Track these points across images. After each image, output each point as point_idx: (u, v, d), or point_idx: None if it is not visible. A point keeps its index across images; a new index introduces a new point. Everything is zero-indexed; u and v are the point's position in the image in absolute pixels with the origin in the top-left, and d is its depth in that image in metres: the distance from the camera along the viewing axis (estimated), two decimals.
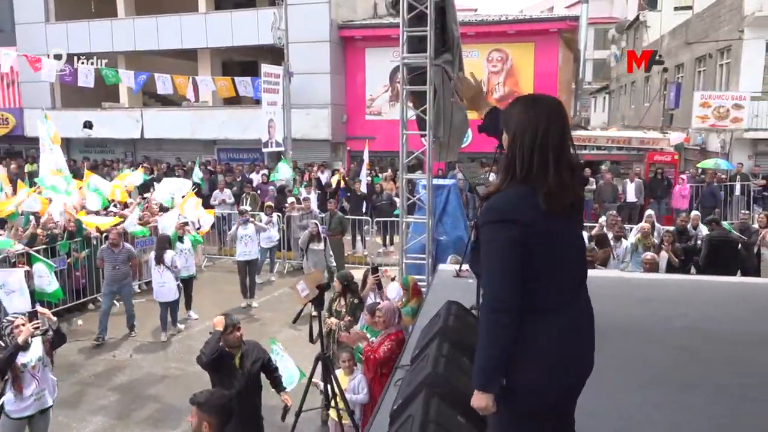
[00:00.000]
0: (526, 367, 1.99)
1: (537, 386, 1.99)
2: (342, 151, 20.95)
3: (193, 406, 3.34)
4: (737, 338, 4.79)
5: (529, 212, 1.98)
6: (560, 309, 2.02)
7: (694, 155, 18.77)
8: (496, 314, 1.98)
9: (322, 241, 10.54)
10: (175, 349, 8.92)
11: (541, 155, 2.00)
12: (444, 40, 7.40)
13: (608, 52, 36.69)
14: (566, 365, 2.01)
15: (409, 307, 5.77)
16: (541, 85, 19.06)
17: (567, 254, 2.07)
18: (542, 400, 2.01)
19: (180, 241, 9.90)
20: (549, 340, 1.99)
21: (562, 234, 2.04)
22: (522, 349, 1.98)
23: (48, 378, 5.40)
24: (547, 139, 2.01)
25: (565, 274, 2.06)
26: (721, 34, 17.11)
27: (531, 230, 1.98)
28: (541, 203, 1.97)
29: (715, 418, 3.48)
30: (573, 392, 2.10)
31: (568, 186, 2.01)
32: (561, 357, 2.00)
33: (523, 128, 2.03)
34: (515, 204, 2.01)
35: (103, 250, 9.38)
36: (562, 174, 2.00)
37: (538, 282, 2.00)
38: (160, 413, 6.97)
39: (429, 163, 7.59)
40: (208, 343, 4.76)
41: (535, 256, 1.98)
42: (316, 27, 19.39)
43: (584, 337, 2.07)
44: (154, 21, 21.35)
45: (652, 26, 26.52)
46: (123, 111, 22.41)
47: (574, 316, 2.05)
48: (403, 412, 3.06)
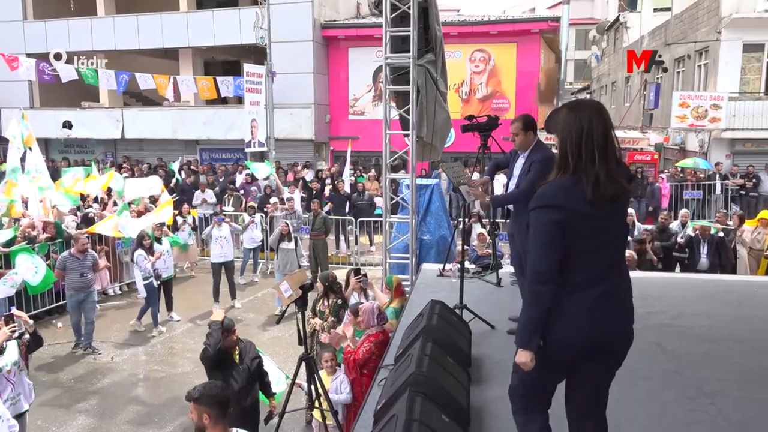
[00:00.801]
0: (563, 328, 2.35)
1: (568, 343, 2.37)
2: (325, 151, 20.91)
3: (190, 402, 3.36)
4: (712, 334, 4.88)
5: (571, 199, 2.30)
6: (591, 286, 2.34)
7: (674, 155, 19.03)
8: (537, 285, 2.34)
9: (293, 241, 10.47)
10: (158, 351, 8.85)
11: (587, 150, 2.29)
12: (427, 40, 7.43)
13: (589, 52, 37.04)
14: (594, 329, 2.34)
15: (391, 308, 5.78)
16: (523, 86, 19.20)
17: (603, 239, 2.35)
18: (565, 353, 2.40)
19: (158, 242, 9.79)
20: (582, 308, 2.33)
21: (602, 220, 2.33)
22: (555, 316, 2.34)
23: (24, 382, 5.31)
24: (591, 136, 2.30)
25: (599, 255, 2.35)
26: (699, 35, 17.37)
27: (570, 215, 2.29)
28: (588, 192, 2.27)
29: (691, 413, 3.55)
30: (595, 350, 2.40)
31: (613, 177, 2.29)
32: (591, 323, 2.33)
33: (569, 128, 2.33)
34: (558, 192, 2.34)
35: (66, 258, 8.58)
36: (608, 166, 2.29)
37: (574, 261, 2.32)
38: (142, 416, 6.91)
39: (412, 162, 7.61)
40: (211, 335, 4.81)
41: (572, 238, 2.30)
42: (299, 26, 19.34)
43: (613, 308, 2.39)
44: (135, 20, 21.14)
45: (632, 27, 26.81)
46: (103, 111, 22.14)
47: (603, 293, 2.35)
48: (387, 412, 3.08)
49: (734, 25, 15.62)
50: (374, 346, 4.91)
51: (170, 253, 10.06)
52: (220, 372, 4.85)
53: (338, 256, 13.85)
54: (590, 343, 2.37)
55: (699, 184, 15.19)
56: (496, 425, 3.41)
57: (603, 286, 2.36)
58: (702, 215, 14.17)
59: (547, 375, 2.46)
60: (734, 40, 15.74)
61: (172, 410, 6.95)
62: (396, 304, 5.85)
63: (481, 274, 6.36)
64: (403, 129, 7.73)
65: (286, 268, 10.15)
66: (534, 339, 2.37)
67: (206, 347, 4.80)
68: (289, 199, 12.62)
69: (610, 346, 2.44)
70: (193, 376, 7.85)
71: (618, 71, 28.09)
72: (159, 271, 9.47)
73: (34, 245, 9.65)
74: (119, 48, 21.46)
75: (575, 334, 2.34)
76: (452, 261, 6.70)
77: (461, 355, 3.99)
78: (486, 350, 4.40)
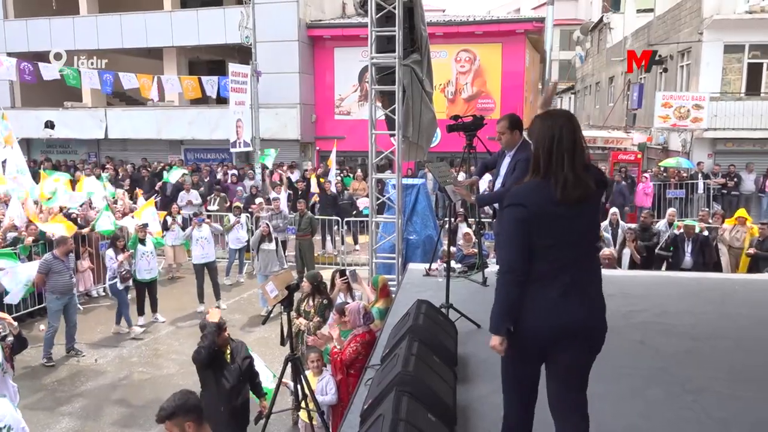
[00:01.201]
0: (528, 315, 2.53)
1: (532, 328, 2.54)
2: (311, 151, 20.86)
3: (164, 423, 3.26)
4: (696, 332, 4.94)
5: (539, 200, 2.50)
6: (558, 276, 2.51)
7: (657, 154, 19.22)
8: (506, 275, 2.56)
9: (273, 241, 10.42)
10: (142, 352, 8.77)
11: (557, 155, 2.50)
12: (412, 40, 7.44)
13: (573, 53, 37.31)
14: (558, 317, 2.51)
15: (376, 308, 5.78)
16: (508, 86, 19.29)
17: (570, 236, 2.52)
18: (535, 342, 2.57)
19: (142, 244, 9.67)
20: (546, 298, 2.51)
21: (568, 219, 2.50)
22: (525, 305, 2.53)
23: (8, 385, 5.26)
24: (561, 143, 2.51)
25: (566, 251, 2.52)
26: (682, 36, 17.56)
27: (538, 214, 2.49)
28: (557, 193, 2.47)
29: (675, 411, 3.59)
30: (562, 339, 2.55)
31: (580, 180, 2.49)
32: (554, 311, 2.51)
33: (542, 136, 2.55)
34: (528, 192, 2.56)
35: (50, 261, 8.30)
36: (575, 170, 2.49)
37: (541, 256, 2.51)
38: (126, 418, 6.85)
39: (398, 162, 7.62)
40: (206, 336, 4.79)
41: (539, 234, 2.49)
42: (284, 26, 19.27)
43: (578, 299, 2.54)
44: (118, 18, 20.94)
45: (615, 28, 27.04)
46: (86, 110, 21.90)
47: (568, 286, 2.51)
48: (373, 412, 3.08)
49: (715, 26, 15.81)
50: (361, 346, 4.91)
51: (154, 254, 9.94)
52: (212, 371, 4.85)
53: (324, 256, 13.83)
54: (555, 333, 2.53)
55: (682, 184, 15.36)
56: (483, 424, 3.42)
57: (568, 279, 2.52)
58: (685, 214, 14.32)
59: (522, 362, 2.64)
60: (715, 41, 15.93)
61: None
62: (381, 305, 5.84)
63: (467, 274, 6.38)
64: (389, 129, 7.73)
65: (267, 268, 10.10)
66: (503, 325, 2.56)
67: (199, 349, 4.78)
68: (275, 200, 12.59)
69: (580, 337, 2.57)
70: (178, 377, 7.80)
71: (602, 71, 28.32)
72: (125, 272, 9.23)
73: (16, 247, 9.53)
74: (102, 47, 21.25)
75: (540, 323, 2.52)
76: (438, 260, 6.72)
77: (447, 355, 4.00)
78: (472, 349, 4.42)
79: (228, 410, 4.86)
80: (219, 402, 4.85)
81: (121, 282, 9.24)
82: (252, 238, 10.87)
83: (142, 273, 9.65)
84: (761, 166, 15.68)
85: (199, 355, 4.77)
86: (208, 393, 4.90)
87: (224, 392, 4.87)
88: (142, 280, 9.69)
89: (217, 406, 4.84)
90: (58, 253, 8.39)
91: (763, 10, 15.75)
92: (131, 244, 9.69)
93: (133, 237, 9.76)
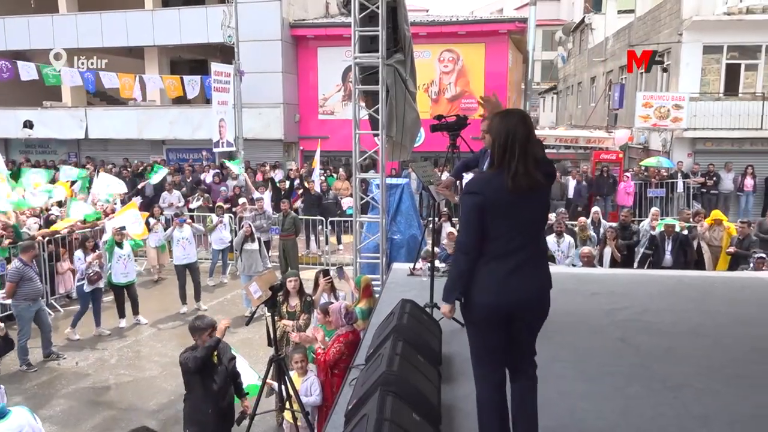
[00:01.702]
0: (482, 292, 2.80)
1: (486, 304, 2.81)
2: (295, 151, 20.79)
3: None
4: (676, 329, 5.01)
5: (492, 188, 2.77)
6: (509, 257, 2.79)
7: (638, 154, 19.43)
8: (459, 254, 2.88)
9: (256, 241, 10.36)
10: (124, 354, 8.68)
11: (510, 150, 2.75)
12: (396, 40, 7.44)
13: (556, 53, 37.60)
14: (507, 294, 2.79)
15: (359, 308, 5.78)
16: (491, 85, 19.38)
17: (520, 221, 2.80)
18: (489, 313, 2.82)
19: (119, 247, 9.44)
20: (497, 276, 2.79)
21: (518, 206, 2.77)
22: (480, 280, 2.80)
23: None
24: (515, 138, 2.75)
25: (515, 234, 2.79)
26: (662, 37, 17.77)
27: (490, 201, 2.76)
28: (508, 182, 2.72)
29: (656, 407, 3.63)
30: (513, 313, 2.83)
31: (530, 172, 2.74)
32: (504, 288, 2.78)
33: (499, 132, 2.81)
34: (482, 182, 2.88)
35: (21, 269, 7.98)
36: (526, 164, 2.74)
37: (494, 237, 2.78)
38: (108, 421, 6.77)
39: (382, 162, 7.62)
40: (203, 349, 4.80)
41: (492, 219, 2.76)
42: (267, 25, 19.18)
43: (525, 277, 2.82)
44: (98, 17, 20.68)
45: (597, 29, 27.29)
46: (66, 110, 21.62)
47: (517, 264, 2.80)
48: (358, 412, 3.08)
49: (694, 28, 16.02)
50: (344, 346, 4.91)
51: (131, 257, 9.71)
52: (199, 374, 4.82)
53: (309, 256, 13.79)
54: (506, 306, 2.80)
55: (662, 183, 15.55)
56: (467, 423, 3.43)
57: (517, 259, 2.80)
58: (665, 213, 14.49)
59: (488, 332, 2.87)
60: (694, 42, 16.14)
61: (139, 415, 6.84)
62: (364, 305, 5.84)
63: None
64: (373, 129, 7.73)
65: (251, 269, 10.05)
66: (453, 295, 2.90)
67: (195, 358, 4.74)
68: (258, 200, 12.52)
69: (527, 309, 2.87)
70: (161, 380, 7.74)
71: (584, 72, 28.55)
72: (93, 274, 9.00)
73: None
74: (82, 46, 20.97)
75: (493, 297, 2.79)
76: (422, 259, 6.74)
77: (432, 354, 4.01)
78: (456, 348, 4.43)
79: (215, 412, 4.85)
80: (206, 404, 4.83)
81: (89, 284, 8.98)
82: (235, 238, 10.79)
83: (117, 276, 9.45)
84: (739, 166, 15.92)
85: (193, 363, 4.74)
86: (194, 396, 4.87)
87: (211, 394, 4.85)
88: (117, 284, 9.50)
89: (204, 408, 4.82)
90: (25, 259, 8.11)
91: (740, 11, 15.99)
92: (108, 247, 9.50)
93: (110, 240, 9.57)
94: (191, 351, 4.86)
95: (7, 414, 3.90)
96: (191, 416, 4.91)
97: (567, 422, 3.45)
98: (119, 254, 9.44)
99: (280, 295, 6.30)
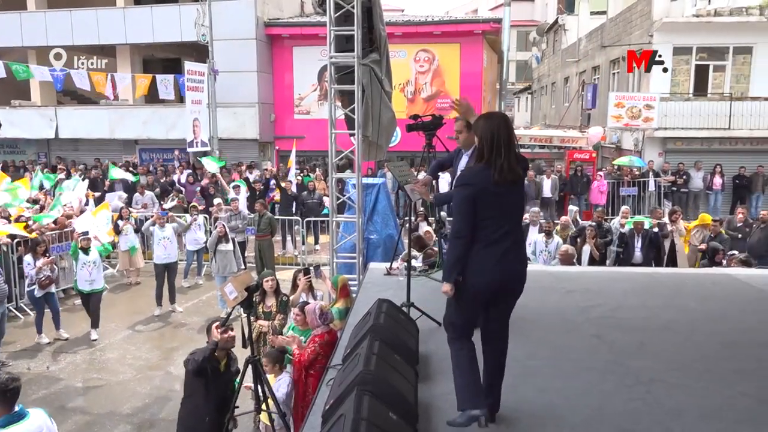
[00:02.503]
0: (476, 274, 3.18)
1: (480, 283, 3.20)
2: (270, 151, 20.66)
3: None
4: (649, 325, 5.10)
5: (481, 180, 3.15)
6: (498, 243, 3.17)
7: (610, 153, 19.73)
8: (455, 240, 3.22)
9: (230, 242, 10.25)
10: (97, 358, 8.53)
11: (496, 147, 3.14)
12: (371, 39, 7.44)
13: (530, 53, 37.97)
14: (498, 275, 3.19)
15: (336, 308, 5.77)
16: (467, 85, 19.50)
17: (505, 210, 3.20)
18: (482, 292, 3.23)
19: (84, 253, 9.08)
20: (488, 259, 3.17)
21: (503, 197, 3.16)
22: (476, 263, 3.17)
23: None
24: (499, 138, 3.15)
25: (503, 221, 3.18)
26: (633, 38, 18.06)
27: (480, 191, 3.13)
28: (495, 176, 3.11)
29: (629, 402, 3.69)
30: (500, 291, 3.27)
31: (513, 167, 3.15)
32: (494, 269, 3.18)
33: (484, 132, 3.20)
34: (473, 175, 3.24)
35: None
36: (509, 159, 3.15)
37: (484, 225, 3.16)
38: (81, 426, 6.64)
39: (358, 162, 7.61)
40: (201, 352, 4.68)
41: (482, 208, 3.14)
42: (242, 24, 19.03)
43: (511, 261, 3.23)
44: (68, 15, 20.29)
45: (570, 29, 27.62)
46: (35, 109, 21.17)
47: (506, 248, 3.20)
48: (335, 412, 3.07)
49: (665, 29, 16.32)
50: (319, 346, 4.89)
51: (98, 264, 9.32)
52: (204, 379, 4.71)
53: (285, 256, 13.72)
54: (497, 286, 3.21)
55: (634, 182, 15.81)
56: (444, 421, 3.44)
57: (506, 243, 3.19)
58: (637, 211, 14.74)
59: (472, 308, 3.31)
60: (665, 43, 16.43)
61: (113, 419, 6.73)
62: (341, 305, 5.83)
63: (427, 272, 6.42)
64: (349, 128, 7.71)
65: (226, 270, 9.96)
66: (453, 275, 3.20)
67: (193, 361, 4.63)
68: (233, 200, 12.41)
69: (511, 288, 3.30)
70: (135, 383, 7.63)
71: (557, 72, 28.88)
72: (44, 279, 8.72)
73: None
74: (51, 44, 20.54)
75: (488, 277, 3.18)
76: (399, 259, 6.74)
77: (409, 353, 4.01)
78: (433, 347, 4.45)
79: (213, 421, 4.71)
80: (205, 412, 4.70)
81: (40, 288, 8.70)
82: (209, 239, 10.67)
83: (82, 284, 9.08)
84: (708, 165, 16.26)
85: (192, 365, 4.65)
86: (193, 402, 4.76)
87: (211, 401, 4.72)
88: (81, 291, 9.16)
89: (202, 416, 4.69)
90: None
91: (709, 13, 16.34)
92: (71, 252, 9.19)
93: (73, 245, 9.25)
94: (197, 350, 4.77)
95: (26, 415, 3.87)
96: (186, 420, 4.79)
97: (544, 418, 3.49)
98: (84, 260, 9.05)
99: (257, 296, 6.25)
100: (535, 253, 9.15)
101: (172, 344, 8.99)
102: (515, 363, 4.28)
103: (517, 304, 3.40)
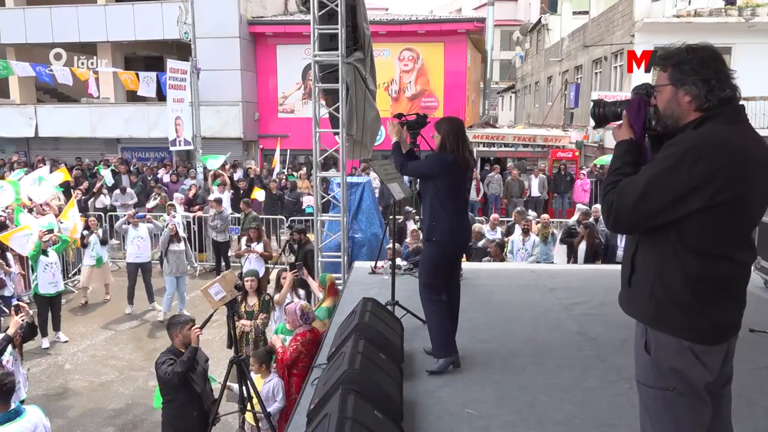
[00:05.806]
0: (447, 233, 4.04)
1: (445, 240, 4.06)
2: (254, 150, 20.56)
3: None
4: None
5: (446, 164, 4.01)
6: (458, 212, 4.12)
7: (593, 152, 19.91)
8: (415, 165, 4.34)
9: (182, 242, 10.11)
10: (78, 359, 8.43)
11: (456, 142, 4.06)
12: (355, 38, 7.43)
13: (513, 53, 38.19)
14: (456, 235, 4.12)
15: (323, 307, 5.75)
16: (451, 84, 19.56)
17: (461, 188, 4.18)
18: (446, 246, 4.09)
19: (44, 255, 8.77)
20: (452, 224, 4.05)
21: (460, 177, 4.10)
22: (447, 225, 4.03)
23: (20, 371, 5.28)
24: (458, 135, 4.10)
25: (460, 197, 4.16)
26: (615, 38, 18.24)
27: (445, 172, 4.01)
28: (459, 161, 4.01)
29: (612, 398, 3.73)
30: (460, 248, 4.50)
31: (466, 158, 4.11)
32: (456, 231, 4.10)
33: (449, 130, 4.09)
34: (440, 159, 4.07)
35: None
36: (464, 151, 4.09)
37: (447, 197, 4.04)
38: (63, 428, 6.55)
39: (342, 161, 7.60)
40: (184, 362, 4.64)
41: (446, 184, 4.03)
42: (225, 22, 18.91)
43: (467, 225, 4.41)
44: (48, 11, 20.01)
45: (553, 29, 27.84)
46: (14, 107, 20.85)
47: (464, 216, 4.26)
48: (320, 411, 3.06)
49: (646, 29, 16.50)
50: (302, 345, 4.87)
51: (58, 265, 9.04)
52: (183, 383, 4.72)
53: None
54: (459, 243, 4.22)
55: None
56: (428, 418, 3.46)
57: (463, 214, 4.24)
58: None
59: (438, 268, 4.10)
60: (646, 43, 16.61)
61: (95, 421, 6.65)
62: (329, 303, 5.82)
63: (412, 271, 6.44)
64: (333, 127, 7.70)
65: (179, 270, 9.77)
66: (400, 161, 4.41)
67: (177, 373, 4.60)
68: (216, 200, 12.32)
69: (466, 245, 4.45)
70: (118, 384, 7.55)
71: (541, 71, 29.08)
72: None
73: None
74: (30, 41, 20.27)
75: (454, 236, 4.08)
76: (384, 258, 6.75)
77: (393, 352, 4.02)
78: (418, 345, 4.46)
79: (200, 415, 4.77)
80: (191, 408, 4.75)
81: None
82: (161, 239, 10.13)
83: (45, 287, 8.74)
84: None
85: (176, 378, 4.62)
86: (177, 403, 4.76)
87: (195, 397, 4.78)
88: (45, 294, 8.75)
89: (189, 413, 4.74)
90: None
91: (689, 14, 16.55)
92: (32, 254, 8.86)
93: (37, 245, 8.85)
94: (168, 359, 4.71)
95: (23, 412, 3.94)
96: (173, 422, 4.81)
97: (527, 415, 3.51)
98: (45, 262, 8.74)
99: (238, 295, 6.22)
100: (512, 252, 9.20)
101: (154, 345, 8.91)
102: (499, 360, 4.31)
103: (499, 301, 3.48)
